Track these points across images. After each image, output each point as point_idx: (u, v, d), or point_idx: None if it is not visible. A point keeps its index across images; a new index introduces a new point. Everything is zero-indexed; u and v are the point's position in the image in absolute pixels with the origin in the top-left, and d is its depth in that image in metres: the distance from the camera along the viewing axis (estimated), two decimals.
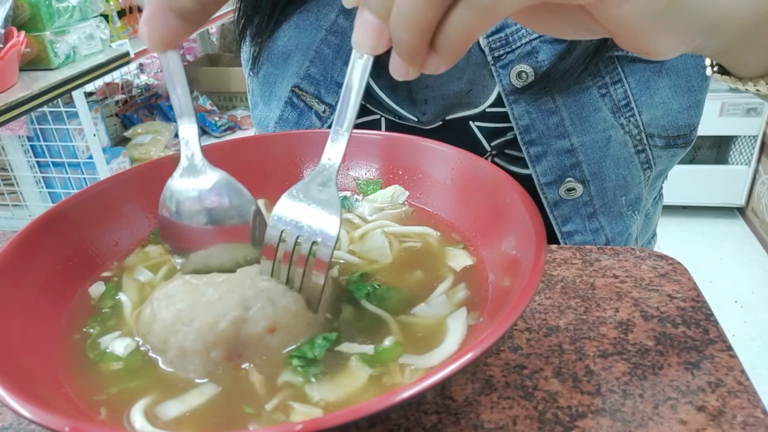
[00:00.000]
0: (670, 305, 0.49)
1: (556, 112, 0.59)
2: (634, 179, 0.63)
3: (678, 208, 2.48)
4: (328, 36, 0.61)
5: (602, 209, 0.64)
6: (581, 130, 0.60)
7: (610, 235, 0.66)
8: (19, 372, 0.33)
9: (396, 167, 0.54)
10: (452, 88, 0.62)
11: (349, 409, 0.26)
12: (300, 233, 0.37)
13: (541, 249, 0.36)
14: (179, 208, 0.40)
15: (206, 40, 3.18)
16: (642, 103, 0.59)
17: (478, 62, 0.60)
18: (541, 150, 0.61)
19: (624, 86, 0.58)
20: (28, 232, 0.42)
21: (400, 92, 0.64)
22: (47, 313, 0.41)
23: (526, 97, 0.59)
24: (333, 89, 0.63)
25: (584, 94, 0.58)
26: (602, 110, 0.59)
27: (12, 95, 1.63)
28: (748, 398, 0.40)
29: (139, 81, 2.90)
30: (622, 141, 0.61)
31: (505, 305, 0.35)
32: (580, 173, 0.62)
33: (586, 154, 0.61)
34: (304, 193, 0.37)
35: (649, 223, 0.78)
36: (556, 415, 0.39)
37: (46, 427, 0.27)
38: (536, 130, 0.60)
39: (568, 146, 0.61)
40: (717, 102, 2.24)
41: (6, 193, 2.26)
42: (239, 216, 0.40)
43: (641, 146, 0.62)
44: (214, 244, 0.41)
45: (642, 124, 0.60)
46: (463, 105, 0.63)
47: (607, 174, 0.62)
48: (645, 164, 0.63)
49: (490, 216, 0.46)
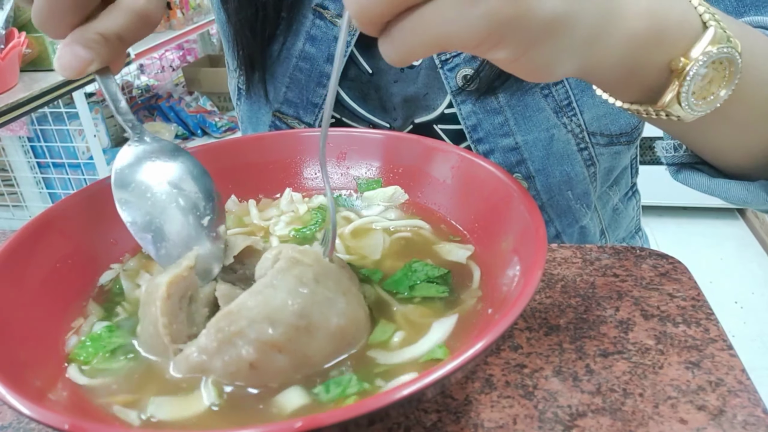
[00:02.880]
0: (671, 304, 0.49)
1: (500, 112, 0.62)
2: (578, 176, 0.66)
3: (678, 208, 2.48)
4: (299, 62, 0.66)
5: (549, 203, 0.68)
6: (525, 129, 0.63)
7: (560, 227, 0.70)
8: (19, 370, 0.33)
9: (396, 166, 0.54)
10: (410, 91, 0.66)
11: (348, 407, 0.26)
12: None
13: (542, 248, 0.36)
14: (139, 177, 0.42)
15: (207, 41, 3.18)
16: (583, 103, 0.62)
17: (430, 66, 0.64)
18: (488, 148, 0.64)
19: (565, 87, 0.61)
20: (28, 231, 0.42)
21: (371, 101, 0.68)
22: (47, 312, 0.41)
23: (472, 98, 0.62)
24: (310, 109, 0.68)
25: (527, 94, 0.61)
26: (545, 110, 0.62)
27: (13, 96, 1.63)
28: (749, 397, 0.40)
29: (139, 82, 2.90)
30: (565, 139, 0.64)
31: (505, 304, 0.35)
32: (525, 169, 0.65)
33: (530, 152, 0.64)
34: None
35: (619, 219, 0.80)
36: (556, 414, 0.39)
37: (46, 425, 0.27)
38: (483, 129, 0.63)
39: (513, 144, 0.64)
40: None
41: (6, 193, 2.26)
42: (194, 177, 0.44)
43: (584, 144, 0.64)
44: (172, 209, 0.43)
45: (584, 123, 0.63)
46: (422, 108, 0.67)
47: (551, 170, 0.65)
48: (588, 161, 0.66)
49: (490, 214, 0.46)
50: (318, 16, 0.63)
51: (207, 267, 0.42)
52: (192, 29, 2.59)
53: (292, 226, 0.52)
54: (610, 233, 0.78)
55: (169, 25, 2.54)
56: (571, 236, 0.71)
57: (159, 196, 0.43)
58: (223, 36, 0.73)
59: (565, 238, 0.71)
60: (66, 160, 2.17)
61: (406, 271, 0.44)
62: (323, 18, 0.63)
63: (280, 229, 0.51)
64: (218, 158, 0.55)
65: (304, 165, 0.57)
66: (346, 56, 0.65)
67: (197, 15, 2.67)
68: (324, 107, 0.34)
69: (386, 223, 0.51)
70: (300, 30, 0.64)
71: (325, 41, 0.64)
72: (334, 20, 0.63)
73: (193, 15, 2.64)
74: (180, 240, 0.42)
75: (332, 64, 0.64)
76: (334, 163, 0.56)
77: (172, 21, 2.54)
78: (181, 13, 2.56)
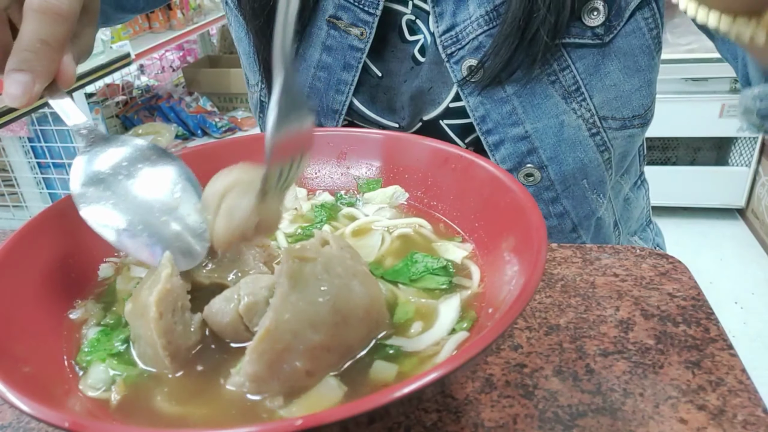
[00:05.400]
0: (671, 304, 0.48)
1: (507, 101, 0.62)
2: (592, 162, 0.66)
3: (678, 209, 2.48)
4: (317, 72, 0.67)
5: (564, 193, 0.67)
6: (534, 117, 0.63)
7: (576, 219, 0.69)
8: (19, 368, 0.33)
9: (396, 166, 0.54)
10: (415, 87, 0.66)
11: (348, 405, 0.26)
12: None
13: (542, 247, 0.36)
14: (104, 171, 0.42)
15: (207, 42, 3.18)
16: (592, 87, 0.62)
17: (434, 60, 0.64)
18: (498, 138, 0.64)
19: (573, 72, 0.61)
20: (28, 230, 0.42)
21: (379, 103, 0.69)
22: (48, 310, 0.41)
23: (478, 89, 0.62)
24: (330, 116, 0.69)
25: (534, 82, 0.61)
26: (553, 96, 0.62)
27: None
28: (749, 397, 0.40)
29: (139, 82, 2.90)
30: (576, 125, 0.63)
31: (505, 303, 0.35)
32: (537, 159, 0.65)
33: (541, 140, 0.64)
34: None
35: (630, 209, 0.80)
36: (556, 413, 0.39)
37: (46, 423, 0.27)
38: (491, 120, 0.63)
39: (522, 133, 0.63)
40: (717, 104, 2.23)
41: (6, 194, 2.26)
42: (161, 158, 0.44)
43: (595, 129, 0.64)
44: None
45: (594, 108, 0.63)
46: (427, 103, 0.67)
47: (564, 158, 0.65)
48: (601, 146, 0.65)
49: (490, 214, 0.46)
50: (332, 27, 0.64)
51: (190, 248, 0.41)
52: (192, 29, 2.59)
53: (298, 224, 0.52)
54: (622, 225, 0.78)
55: (169, 26, 2.54)
56: (587, 229, 0.71)
57: (119, 192, 0.42)
58: (241, 51, 0.74)
59: (581, 231, 0.70)
60: (66, 160, 2.16)
61: (407, 261, 0.44)
62: (337, 28, 0.64)
63: (286, 227, 0.51)
64: (218, 158, 0.55)
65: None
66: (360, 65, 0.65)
67: (197, 15, 2.67)
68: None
69: (386, 222, 0.51)
70: (316, 41, 0.66)
71: (340, 50, 0.65)
72: (348, 29, 0.64)
73: (193, 15, 2.64)
74: (154, 229, 0.41)
75: (348, 72, 0.65)
76: (334, 163, 0.56)
77: (172, 21, 2.54)
78: (181, 13, 2.56)
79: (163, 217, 0.42)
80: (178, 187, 0.43)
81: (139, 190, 0.43)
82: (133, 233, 0.40)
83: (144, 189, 0.43)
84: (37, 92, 0.40)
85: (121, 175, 0.43)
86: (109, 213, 0.41)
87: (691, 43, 2.10)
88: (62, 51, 0.40)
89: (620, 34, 0.59)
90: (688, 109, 2.22)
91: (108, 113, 2.57)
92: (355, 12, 0.63)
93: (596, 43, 0.59)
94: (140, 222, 0.41)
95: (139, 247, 0.40)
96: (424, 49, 0.65)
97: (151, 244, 0.40)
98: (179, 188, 0.43)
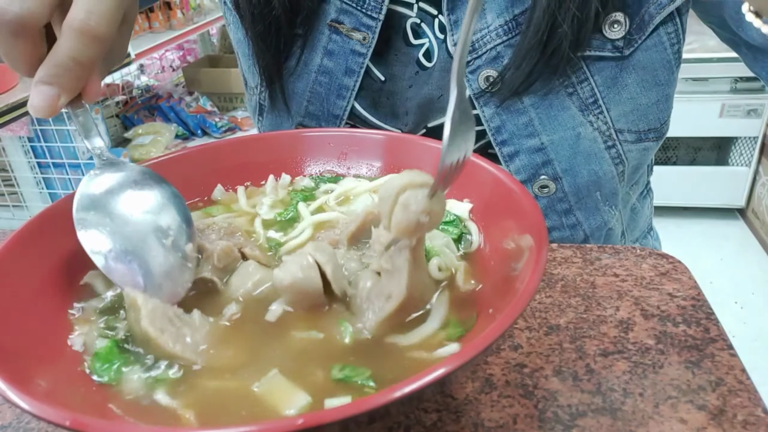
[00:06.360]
0: (671, 304, 0.49)
1: (524, 113, 0.61)
2: (606, 174, 0.65)
3: (678, 209, 2.48)
4: (318, 77, 0.66)
5: (578, 205, 0.67)
6: (550, 129, 0.62)
7: (588, 231, 0.69)
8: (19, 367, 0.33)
9: (397, 166, 0.54)
10: (424, 93, 0.65)
11: (348, 405, 0.26)
12: None
13: (542, 247, 0.36)
14: (106, 201, 0.43)
15: (207, 41, 3.18)
16: (609, 100, 0.61)
17: (445, 68, 0.63)
18: (513, 150, 0.64)
19: (591, 84, 0.60)
20: (27, 230, 0.42)
21: (381, 108, 0.68)
22: (48, 309, 0.41)
23: (495, 100, 0.61)
24: (332, 121, 0.68)
25: (551, 93, 0.61)
26: (570, 109, 0.61)
27: (13, 96, 1.63)
28: (749, 397, 0.40)
29: (139, 82, 2.90)
30: (592, 137, 0.63)
31: (505, 303, 0.35)
32: (552, 170, 0.64)
33: (557, 152, 0.63)
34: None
35: (636, 218, 0.79)
36: (556, 413, 0.39)
37: (47, 421, 0.27)
38: (507, 131, 0.63)
39: (538, 145, 0.63)
40: (717, 103, 2.24)
41: (6, 193, 2.26)
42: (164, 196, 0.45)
43: (611, 142, 0.64)
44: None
45: (611, 121, 0.62)
46: (436, 110, 0.66)
47: (579, 170, 0.64)
48: (616, 159, 0.65)
49: (490, 214, 0.46)
50: (334, 31, 0.63)
51: (173, 290, 0.42)
52: (192, 29, 2.59)
53: (276, 209, 0.52)
54: (628, 234, 0.77)
55: (169, 26, 2.54)
56: (598, 240, 0.70)
57: (117, 223, 0.43)
58: (240, 54, 0.73)
59: (592, 242, 0.69)
60: (66, 160, 2.16)
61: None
62: (339, 33, 0.63)
63: (265, 212, 0.52)
64: (218, 158, 0.55)
65: (304, 164, 0.57)
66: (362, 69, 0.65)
67: (197, 15, 2.67)
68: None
69: (368, 185, 0.52)
70: (317, 46, 0.65)
71: (342, 55, 0.64)
72: (350, 34, 0.63)
73: (193, 15, 2.64)
74: (144, 260, 0.42)
75: (350, 77, 0.65)
76: (335, 163, 0.56)
77: (172, 21, 2.54)
78: (181, 13, 2.56)
79: (156, 248, 0.43)
80: (175, 221, 0.45)
81: (135, 219, 0.44)
82: (122, 262, 0.42)
83: (141, 218, 0.44)
84: (61, 106, 0.40)
85: (121, 203, 0.44)
86: (103, 239, 0.42)
87: (691, 43, 2.10)
88: (92, 69, 0.41)
89: (641, 47, 0.59)
90: (689, 109, 2.22)
91: (108, 113, 2.57)
92: (357, 16, 0.62)
93: (615, 56, 0.59)
94: (132, 251, 0.42)
95: (124, 276, 0.41)
96: (429, 53, 0.64)
97: (139, 274, 0.41)
98: (176, 223, 0.44)
